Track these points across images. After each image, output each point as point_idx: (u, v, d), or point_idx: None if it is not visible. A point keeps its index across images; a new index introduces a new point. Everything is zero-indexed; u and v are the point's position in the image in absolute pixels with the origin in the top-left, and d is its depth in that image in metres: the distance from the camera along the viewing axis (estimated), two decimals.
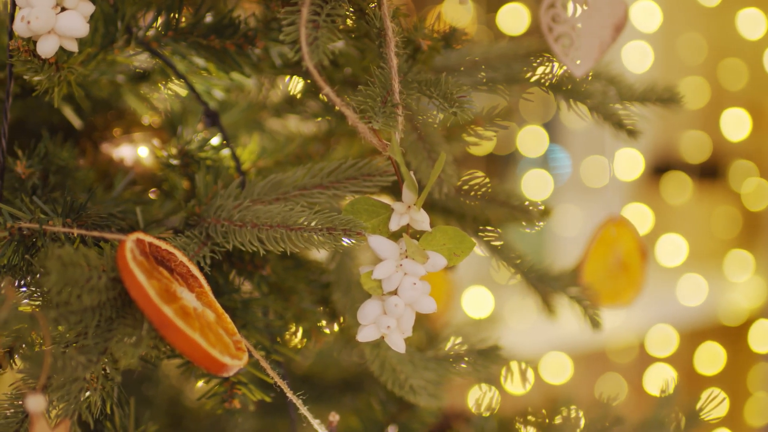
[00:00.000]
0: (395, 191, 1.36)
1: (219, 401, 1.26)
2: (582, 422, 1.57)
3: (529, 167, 3.52)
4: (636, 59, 3.62)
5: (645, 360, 3.83)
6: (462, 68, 1.37)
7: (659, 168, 3.95)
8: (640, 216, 3.70)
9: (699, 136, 3.96)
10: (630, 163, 3.64)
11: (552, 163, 3.61)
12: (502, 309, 3.29)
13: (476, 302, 3.27)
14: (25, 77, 1.20)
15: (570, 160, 3.74)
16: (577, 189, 3.73)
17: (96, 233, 1.19)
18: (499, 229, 1.46)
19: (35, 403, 1.01)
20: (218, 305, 1.16)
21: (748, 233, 3.98)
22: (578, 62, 1.37)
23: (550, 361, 3.49)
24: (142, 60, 1.42)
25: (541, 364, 3.46)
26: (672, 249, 3.77)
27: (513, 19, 3.39)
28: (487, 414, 1.58)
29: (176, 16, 1.33)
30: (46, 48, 1.14)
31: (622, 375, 3.86)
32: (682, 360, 3.89)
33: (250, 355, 1.20)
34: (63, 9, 1.14)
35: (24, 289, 1.19)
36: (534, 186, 3.48)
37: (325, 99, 1.25)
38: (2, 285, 1.12)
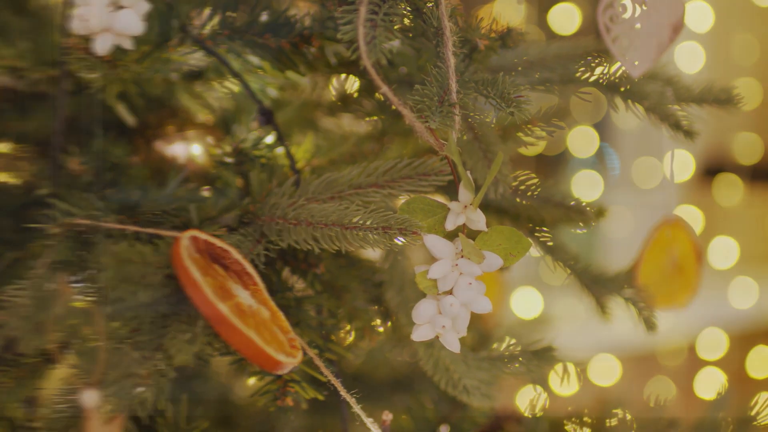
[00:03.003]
0: (449, 191, 1.35)
1: (271, 399, 1.26)
2: (635, 425, 1.56)
3: (580, 168, 3.50)
4: (687, 60, 3.59)
5: (695, 363, 3.80)
6: (519, 68, 1.37)
7: (711, 170, 3.92)
8: (691, 218, 3.67)
9: (751, 138, 3.92)
10: (681, 164, 3.61)
11: (603, 163, 3.59)
12: (550, 310, 3.28)
13: (525, 303, 3.26)
14: (80, 75, 1.21)
15: (620, 161, 3.72)
16: (627, 190, 3.71)
17: (151, 230, 1.19)
18: (552, 230, 1.45)
19: (89, 398, 1.01)
20: (272, 303, 1.15)
21: None
22: (636, 63, 1.36)
23: (598, 363, 3.47)
24: (196, 58, 1.42)
25: (590, 365, 3.44)
26: (723, 251, 3.74)
27: (564, 19, 3.37)
28: (540, 414, 1.57)
29: (232, 14, 1.33)
30: (102, 46, 1.15)
31: (671, 378, 3.83)
32: (733, 363, 3.85)
33: (304, 353, 1.19)
34: (119, 7, 1.15)
35: (78, 284, 1.19)
36: (584, 187, 3.46)
37: (381, 98, 1.24)
38: (57, 281, 1.12)
